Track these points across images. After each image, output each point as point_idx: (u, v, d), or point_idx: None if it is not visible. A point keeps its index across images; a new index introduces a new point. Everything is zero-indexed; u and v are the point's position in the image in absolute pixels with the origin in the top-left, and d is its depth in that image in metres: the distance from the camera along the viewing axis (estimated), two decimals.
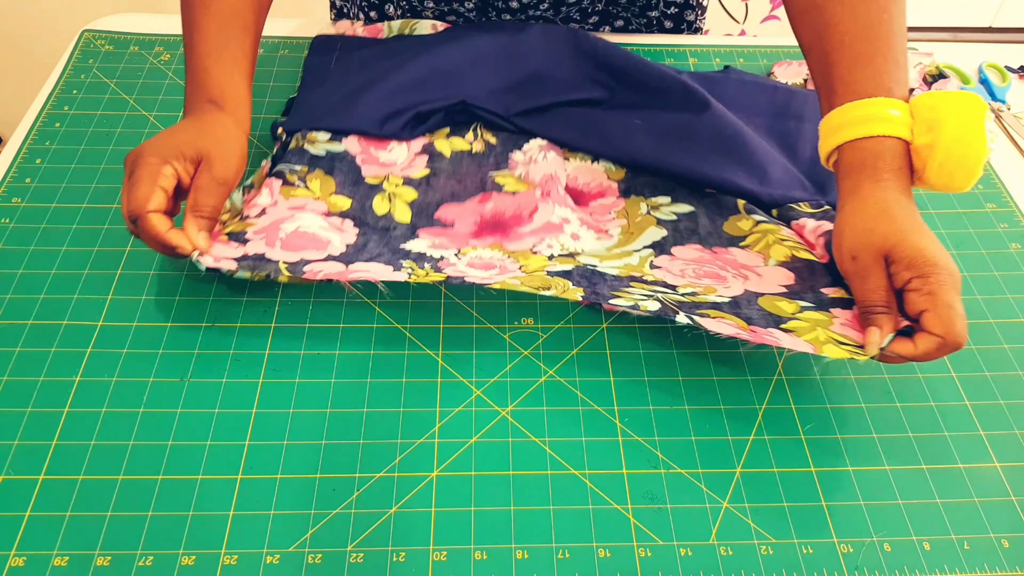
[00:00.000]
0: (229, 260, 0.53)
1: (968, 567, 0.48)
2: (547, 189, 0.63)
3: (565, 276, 0.56)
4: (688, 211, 0.63)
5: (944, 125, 0.50)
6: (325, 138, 0.64)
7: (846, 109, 0.53)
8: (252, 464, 0.50)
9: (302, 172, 0.61)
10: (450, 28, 0.77)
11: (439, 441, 0.52)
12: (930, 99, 0.52)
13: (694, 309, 0.52)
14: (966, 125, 0.50)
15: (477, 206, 0.62)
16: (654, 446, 0.52)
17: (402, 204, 0.61)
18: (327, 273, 0.52)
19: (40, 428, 0.51)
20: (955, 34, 2.02)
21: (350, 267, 0.53)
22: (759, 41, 0.84)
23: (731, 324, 0.51)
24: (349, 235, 0.56)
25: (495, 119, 0.68)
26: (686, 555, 0.48)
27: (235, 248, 0.54)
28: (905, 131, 0.52)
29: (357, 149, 0.64)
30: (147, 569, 0.46)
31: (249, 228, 0.56)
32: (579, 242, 0.61)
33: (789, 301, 0.54)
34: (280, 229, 0.55)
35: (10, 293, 0.58)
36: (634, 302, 0.53)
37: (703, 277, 0.56)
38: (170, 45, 0.79)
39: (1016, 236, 0.66)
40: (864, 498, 0.51)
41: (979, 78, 0.81)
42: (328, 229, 0.56)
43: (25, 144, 0.69)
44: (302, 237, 0.54)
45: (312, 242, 0.55)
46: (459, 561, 0.47)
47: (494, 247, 0.59)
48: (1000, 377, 0.57)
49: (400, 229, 0.60)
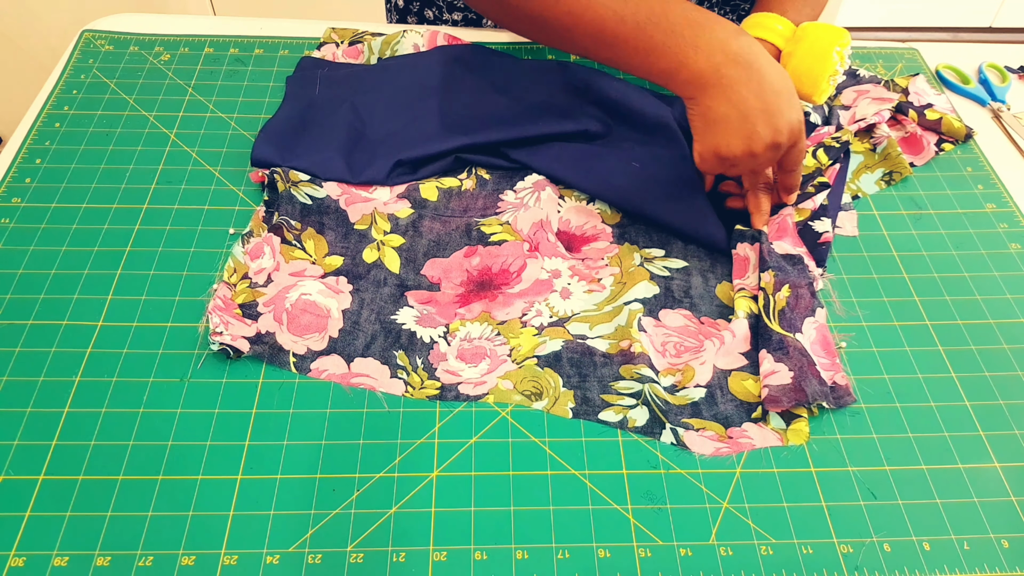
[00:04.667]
0: (243, 340, 0.55)
1: (968, 567, 0.48)
2: (536, 241, 0.62)
3: (556, 362, 0.55)
4: (682, 266, 0.62)
5: (802, 42, 0.62)
6: (305, 179, 0.63)
7: (753, 16, 0.66)
8: (252, 464, 0.50)
9: (297, 229, 0.62)
10: (435, 50, 0.75)
11: (439, 441, 0.52)
12: (807, 26, 0.63)
13: (679, 417, 0.54)
14: (819, 46, 0.62)
15: (463, 260, 0.61)
16: (654, 446, 0.52)
17: (391, 252, 0.61)
18: (330, 375, 0.55)
19: (40, 428, 0.51)
20: (955, 34, 2.02)
21: (352, 367, 0.55)
22: None
23: (711, 438, 0.53)
24: (344, 299, 0.58)
25: (489, 160, 0.67)
26: (686, 555, 0.48)
27: (248, 326, 0.56)
28: (781, 41, 0.64)
29: (338, 192, 0.64)
30: (147, 569, 0.46)
31: (259, 299, 0.58)
32: (569, 301, 0.59)
33: (754, 380, 0.55)
34: (285, 300, 0.57)
35: (10, 293, 0.58)
36: (623, 415, 0.53)
37: (683, 353, 0.57)
38: (170, 45, 0.79)
39: (1016, 236, 0.66)
40: (864, 498, 0.51)
41: (979, 78, 0.81)
42: (326, 294, 0.58)
43: (25, 144, 0.69)
44: (304, 309, 0.57)
45: (314, 315, 0.57)
46: (459, 561, 0.47)
47: (483, 319, 0.58)
48: (1000, 377, 0.57)
49: (390, 286, 0.59)
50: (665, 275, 0.61)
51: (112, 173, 0.67)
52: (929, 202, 0.69)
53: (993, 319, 0.61)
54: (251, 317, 0.57)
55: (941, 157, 0.72)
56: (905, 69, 0.81)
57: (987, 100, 0.78)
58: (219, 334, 0.54)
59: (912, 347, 0.58)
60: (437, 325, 0.58)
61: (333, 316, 0.57)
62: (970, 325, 0.60)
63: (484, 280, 0.60)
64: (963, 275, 0.63)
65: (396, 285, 0.60)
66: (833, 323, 0.60)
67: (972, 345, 0.59)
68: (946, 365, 0.58)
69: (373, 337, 0.57)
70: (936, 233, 0.66)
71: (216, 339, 0.54)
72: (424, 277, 0.61)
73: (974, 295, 0.62)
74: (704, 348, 0.57)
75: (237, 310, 0.57)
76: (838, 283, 0.62)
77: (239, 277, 0.58)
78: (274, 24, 0.82)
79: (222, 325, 0.55)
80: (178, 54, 0.78)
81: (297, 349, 0.56)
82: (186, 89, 0.74)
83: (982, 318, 0.61)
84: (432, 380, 0.55)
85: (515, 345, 0.57)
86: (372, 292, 0.59)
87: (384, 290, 0.59)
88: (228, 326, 0.55)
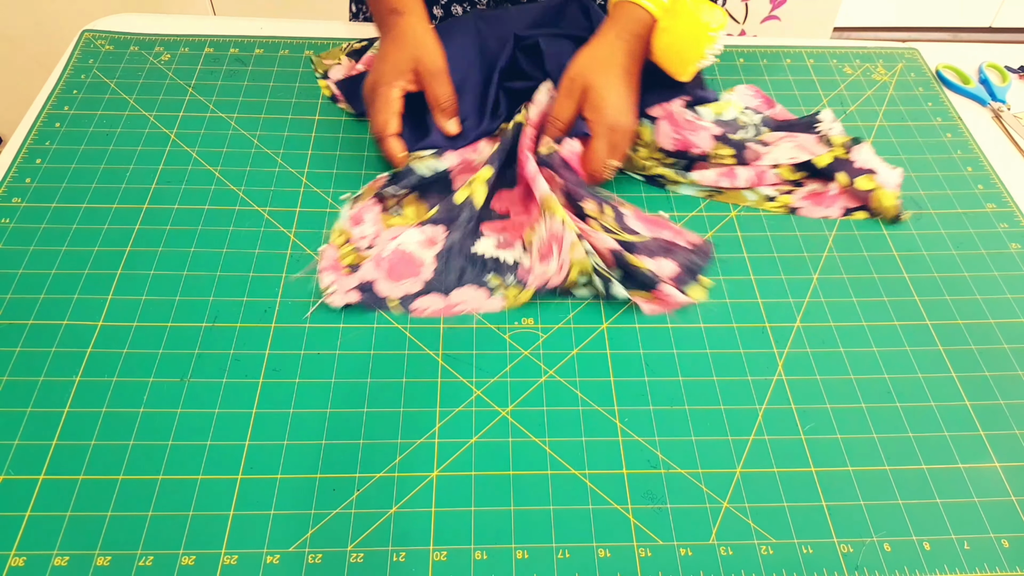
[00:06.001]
0: (354, 292, 0.59)
1: (968, 567, 0.48)
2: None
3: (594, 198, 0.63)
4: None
5: (679, 19, 0.65)
6: (428, 154, 0.66)
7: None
8: (252, 464, 0.50)
9: (401, 195, 0.65)
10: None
11: (439, 441, 0.52)
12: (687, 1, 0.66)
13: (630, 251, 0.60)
14: (695, 29, 0.64)
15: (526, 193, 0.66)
16: (654, 446, 0.52)
17: (480, 186, 0.64)
18: (433, 311, 0.59)
19: (40, 428, 0.51)
20: (955, 34, 2.03)
21: (450, 297, 0.60)
22: (759, 41, 0.84)
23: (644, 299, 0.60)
24: (439, 246, 0.62)
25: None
26: (686, 555, 0.48)
27: (353, 278, 0.60)
28: (659, 12, 0.66)
29: (456, 161, 0.66)
30: (147, 569, 0.46)
31: (364, 261, 0.61)
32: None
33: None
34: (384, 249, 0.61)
35: (10, 293, 0.58)
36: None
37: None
38: (170, 45, 0.79)
39: (1016, 236, 0.66)
40: (864, 498, 0.51)
41: (979, 78, 0.81)
42: (423, 244, 0.62)
43: (25, 144, 0.69)
44: (401, 259, 0.61)
45: (409, 264, 0.61)
46: (459, 561, 0.47)
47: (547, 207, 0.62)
48: (1000, 377, 0.57)
49: (473, 221, 0.63)
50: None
51: (112, 173, 0.67)
52: (929, 202, 0.69)
53: (993, 319, 0.61)
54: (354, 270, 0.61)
55: (941, 158, 0.72)
56: (905, 69, 0.81)
57: (987, 100, 0.78)
58: (331, 294, 0.58)
59: (912, 347, 0.58)
60: (514, 244, 0.63)
61: (427, 263, 0.61)
62: (970, 325, 0.60)
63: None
64: (963, 275, 0.63)
65: (473, 220, 0.63)
66: (834, 323, 0.60)
67: (972, 345, 0.59)
68: (946, 365, 0.58)
69: (463, 270, 0.61)
70: (936, 233, 0.66)
71: (330, 302, 0.58)
72: (494, 211, 0.66)
73: (974, 295, 0.62)
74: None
75: (346, 270, 0.60)
76: (838, 283, 0.62)
77: (343, 240, 0.62)
78: (274, 24, 0.82)
79: (335, 284, 0.59)
80: (178, 54, 0.78)
81: (395, 293, 0.60)
82: (186, 89, 0.74)
83: (982, 318, 0.61)
84: (526, 291, 0.60)
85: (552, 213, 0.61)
86: (460, 231, 0.63)
87: (469, 226, 0.63)
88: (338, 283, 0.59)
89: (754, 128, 0.70)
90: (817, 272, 0.63)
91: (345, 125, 0.73)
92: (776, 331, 0.59)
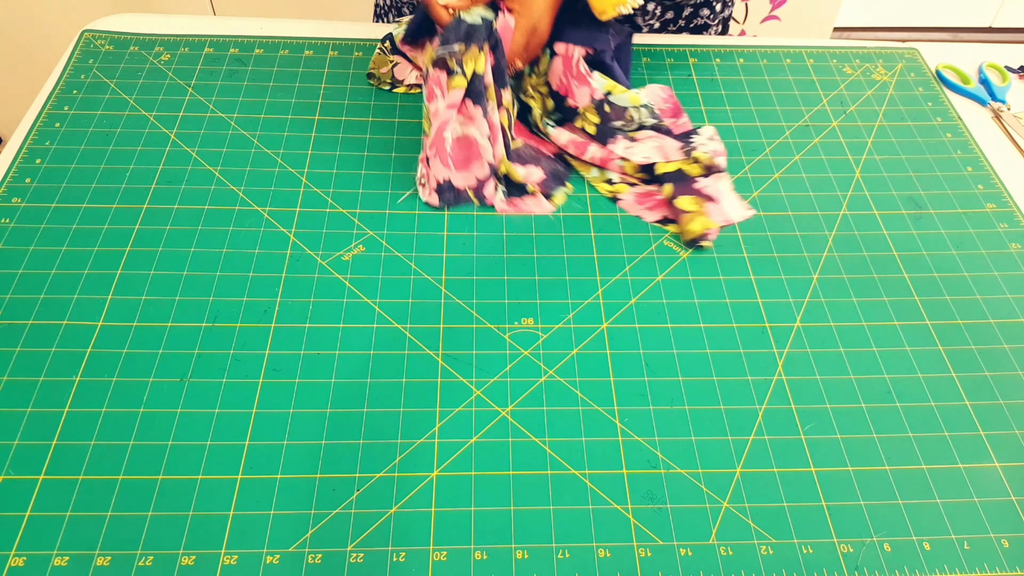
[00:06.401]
0: (434, 194, 0.65)
1: (968, 567, 0.48)
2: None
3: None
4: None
5: None
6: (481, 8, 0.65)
7: None
8: (252, 464, 0.50)
9: (460, 52, 0.63)
10: None
11: (439, 441, 0.52)
12: None
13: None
14: None
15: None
16: (654, 446, 0.52)
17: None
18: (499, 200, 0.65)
19: (40, 428, 0.51)
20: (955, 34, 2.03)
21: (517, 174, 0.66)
22: (759, 41, 0.84)
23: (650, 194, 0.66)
24: (481, 125, 0.64)
25: None
26: (686, 555, 0.48)
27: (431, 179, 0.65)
28: None
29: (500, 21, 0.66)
30: (147, 569, 0.46)
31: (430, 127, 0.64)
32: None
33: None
34: (444, 141, 0.64)
35: (10, 293, 0.58)
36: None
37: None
38: (170, 45, 0.79)
39: (1016, 236, 0.66)
40: (864, 498, 0.51)
41: (979, 78, 0.81)
42: (465, 123, 0.64)
43: (25, 144, 0.69)
44: (461, 146, 0.65)
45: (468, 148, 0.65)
46: (459, 561, 0.47)
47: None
48: (1000, 377, 0.57)
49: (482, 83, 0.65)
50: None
51: (112, 173, 0.67)
52: (929, 202, 0.69)
53: (993, 319, 0.61)
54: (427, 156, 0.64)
55: (941, 158, 0.72)
56: (905, 69, 0.81)
57: (987, 100, 0.78)
58: (423, 186, 0.64)
59: (912, 347, 0.59)
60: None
61: (481, 143, 0.64)
62: (970, 325, 0.60)
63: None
64: (963, 275, 0.63)
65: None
66: (834, 323, 0.60)
67: (972, 345, 0.59)
68: (946, 365, 0.58)
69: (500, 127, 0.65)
70: (936, 233, 0.66)
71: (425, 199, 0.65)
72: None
73: (974, 295, 0.62)
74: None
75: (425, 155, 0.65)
76: (838, 283, 0.62)
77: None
78: (274, 24, 0.82)
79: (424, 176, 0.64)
80: (178, 54, 0.78)
81: (470, 183, 0.64)
82: (186, 89, 0.74)
83: (982, 318, 0.61)
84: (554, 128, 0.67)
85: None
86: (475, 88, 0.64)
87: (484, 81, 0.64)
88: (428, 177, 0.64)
89: (637, 125, 0.69)
90: (817, 272, 0.63)
91: (345, 125, 0.73)
92: (776, 331, 0.59)
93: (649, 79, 0.78)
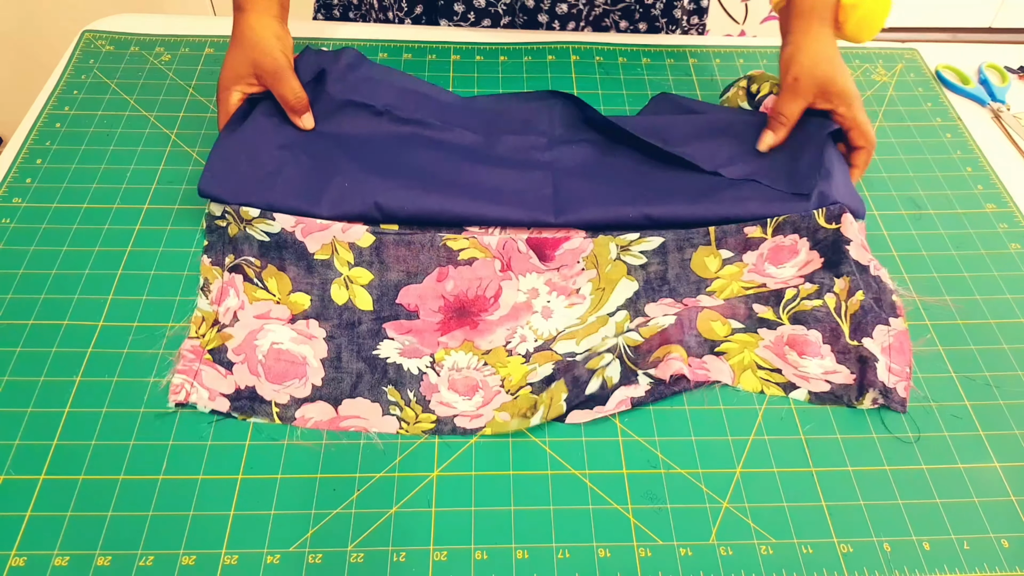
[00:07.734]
0: (224, 400, 0.53)
1: (968, 567, 0.48)
2: (507, 256, 0.60)
3: (549, 384, 0.54)
4: (658, 244, 0.61)
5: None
6: (255, 214, 0.59)
7: None
8: (252, 464, 0.50)
9: (257, 267, 0.59)
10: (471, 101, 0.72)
11: (439, 441, 0.52)
12: None
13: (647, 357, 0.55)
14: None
15: (436, 286, 0.59)
16: (654, 446, 0.52)
17: (360, 290, 0.59)
18: (316, 422, 0.53)
19: (40, 428, 0.51)
20: (955, 34, 2.02)
21: (340, 411, 0.53)
22: (759, 41, 0.84)
23: (676, 358, 0.54)
24: (320, 346, 0.56)
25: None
26: (686, 555, 0.48)
27: (225, 378, 0.53)
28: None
29: (292, 223, 0.59)
30: (147, 569, 0.46)
31: (228, 342, 0.55)
32: (551, 320, 0.59)
33: (723, 322, 0.58)
34: (256, 348, 0.55)
35: (10, 293, 0.58)
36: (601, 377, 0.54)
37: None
38: (170, 45, 0.79)
39: (1016, 236, 0.66)
40: (864, 498, 0.51)
41: (979, 78, 0.81)
42: (299, 340, 0.56)
43: (26, 144, 0.69)
44: (279, 358, 0.55)
45: (290, 363, 0.55)
46: (459, 561, 0.47)
47: (466, 348, 0.57)
48: (1000, 377, 0.57)
49: (366, 323, 0.57)
50: (642, 262, 0.61)
51: (112, 173, 0.67)
52: (929, 202, 0.69)
53: (993, 319, 0.61)
54: (223, 365, 0.54)
55: (941, 158, 0.72)
56: (905, 69, 0.81)
57: (987, 100, 0.78)
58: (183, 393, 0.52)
59: (912, 347, 0.58)
60: (422, 355, 0.56)
61: (311, 364, 0.55)
62: (970, 325, 0.60)
63: (461, 307, 0.59)
64: (963, 275, 0.63)
65: (372, 320, 0.58)
66: None
67: (972, 345, 0.59)
68: (946, 365, 0.58)
69: (359, 376, 0.55)
70: (936, 233, 0.66)
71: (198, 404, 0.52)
72: (401, 307, 0.59)
73: (974, 295, 0.62)
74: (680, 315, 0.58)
75: (208, 356, 0.54)
76: None
77: (208, 326, 0.55)
78: None
79: (187, 384, 0.52)
80: (178, 54, 0.78)
81: (279, 399, 0.53)
82: (186, 89, 0.74)
83: (982, 318, 0.61)
84: (427, 413, 0.53)
85: (505, 375, 0.56)
86: (348, 334, 0.57)
87: (361, 328, 0.57)
88: (199, 377, 0.53)
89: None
90: None
91: None
92: None
93: (649, 79, 0.78)
